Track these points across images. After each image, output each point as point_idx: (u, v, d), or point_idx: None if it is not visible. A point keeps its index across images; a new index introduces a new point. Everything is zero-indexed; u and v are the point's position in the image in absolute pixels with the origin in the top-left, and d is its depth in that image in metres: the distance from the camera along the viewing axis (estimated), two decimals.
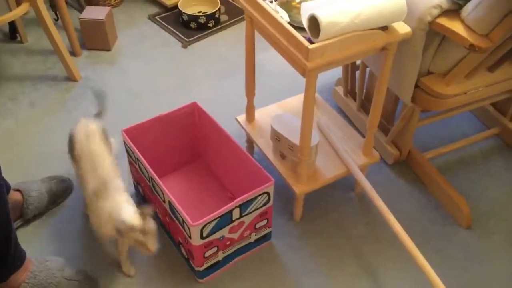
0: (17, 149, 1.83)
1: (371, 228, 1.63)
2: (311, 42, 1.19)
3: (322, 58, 1.19)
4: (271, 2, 1.33)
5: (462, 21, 1.29)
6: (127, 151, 1.58)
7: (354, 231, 1.62)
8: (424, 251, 1.38)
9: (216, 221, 1.34)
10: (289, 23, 1.26)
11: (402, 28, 1.30)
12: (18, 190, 1.55)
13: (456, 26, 1.28)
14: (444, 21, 1.30)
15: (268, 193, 1.42)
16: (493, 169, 1.82)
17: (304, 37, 1.21)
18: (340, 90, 2.01)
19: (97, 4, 2.44)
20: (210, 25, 2.44)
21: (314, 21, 1.18)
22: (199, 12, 2.49)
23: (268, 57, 2.19)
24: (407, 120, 1.68)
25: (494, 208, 1.69)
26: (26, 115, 1.99)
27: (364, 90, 1.87)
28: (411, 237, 1.40)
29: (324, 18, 1.15)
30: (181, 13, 2.43)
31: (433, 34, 1.37)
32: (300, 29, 1.25)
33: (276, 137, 1.54)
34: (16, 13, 1.93)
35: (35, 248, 1.51)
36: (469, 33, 1.26)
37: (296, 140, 1.47)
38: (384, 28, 1.27)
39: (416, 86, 1.50)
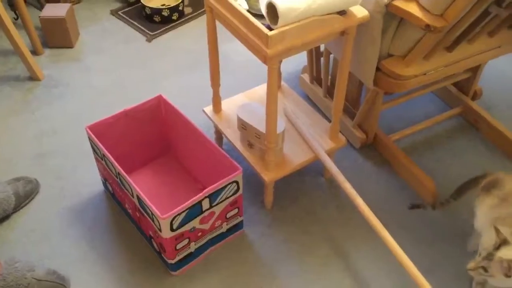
0: None
1: (341, 212, 1.66)
2: (271, 29, 1.20)
3: (281, 45, 1.19)
4: None
5: (417, 2, 1.32)
6: (92, 148, 1.56)
7: (325, 215, 1.65)
8: (392, 230, 1.41)
9: (185, 212, 1.34)
10: (248, 10, 1.26)
11: (360, 11, 1.32)
12: None
13: (411, 8, 1.31)
14: (400, 3, 1.32)
15: (237, 182, 1.42)
16: (457, 148, 1.87)
17: (264, 24, 1.21)
18: (306, 77, 2.03)
19: (57, 1, 2.39)
20: (174, 17, 2.42)
21: (272, 8, 1.19)
22: (162, 5, 2.46)
23: (233, 48, 2.19)
24: (371, 104, 1.71)
25: (457, 186, 1.74)
26: None
27: (330, 77, 1.89)
28: (379, 218, 1.43)
29: (281, 5, 1.16)
30: (144, 6, 2.40)
31: (391, 17, 1.39)
32: (259, 16, 1.25)
33: (243, 126, 1.55)
34: None
35: (4, 250, 1.49)
36: (424, 14, 1.28)
37: (262, 128, 1.48)
38: (342, 13, 1.29)
39: (378, 69, 1.52)
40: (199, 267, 1.50)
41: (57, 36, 2.22)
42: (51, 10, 2.20)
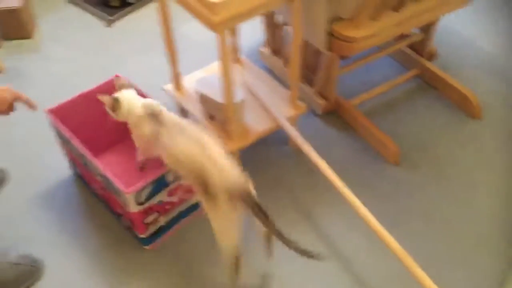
0: None
1: (307, 178, 1.70)
2: None
3: (228, 11, 1.22)
4: None
5: None
6: (56, 132, 1.57)
7: (292, 182, 1.69)
8: (356, 190, 1.44)
9: (151, 186, 1.36)
10: None
11: None
12: None
13: None
14: None
15: None
16: (416, 108, 1.93)
17: None
18: (266, 50, 2.05)
19: None
20: (132, 1, 2.42)
21: None
22: None
23: (191, 28, 2.20)
24: (328, 69, 1.75)
25: (418, 143, 1.80)
26: None
27: (288, 47, 1.92)
28: (344, 180, 1.46)
29: None
30: None
31: None
32: None
33: (203, 99, 1.58)
34: None
35: None
36: None
37: (221, 99, 1.50)
38: None
39: (330, 34, 1.56)
40: (172, 240, 1.53)
41: (14, 28, 2.20)
42: (5, 1, 2.17)
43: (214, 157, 1.20)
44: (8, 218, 1.59)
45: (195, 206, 1.57)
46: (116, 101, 1.33)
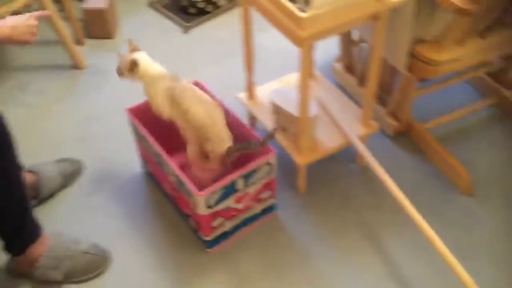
0: (28, 135, 1.90)
1: (374, 198, 1.68)
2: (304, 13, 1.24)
3: (314, 27, 1.23)
4: None
5: None
6: (133, 130, 1.64)
7: (357, 201, 1.67)
8: (425, 216, 1.41)
9: (221, 191, 1.39)
10: None
11: None
12: (32, 171, 1.62)
13: None
14: None
15: (270, 164, 1.47)
16: (492, 138, 1.86)
17: (298, 8, 1.25)
18: (339, 66, 2.05)
19: None
20: (209, 9, 2.49)
21: None
22: None
23: (266, 38, 2.23)
24: (405, 91, 1.72)
25: (493, 175, 1.73)
26: (35, 103, 2.05)
27: (363, 65, 1.91)
28: (412, 204, 1.43)
29: None
30: None
31: (424, 1, 1.40)
32: (292, 1, 1.29)
33: (276, 110, 1.59)
34: (18, 3, 1.99)
35: (51, 225, 1.57)
36: None
37: (295, 112, 1.51)
38: None
39: (411, 55, 1.54)
40: (233, 246, 1.55)
41: (98, 27, 2.32)
42: (93, 2, 2.30)
43: (219, 129, 1.41)
44: (80, 208, 1.67)
45: (258, 216, 1.59)
46: (134, 62, 1.47)
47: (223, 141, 1.41)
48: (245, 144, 1.42)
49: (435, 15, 1.43)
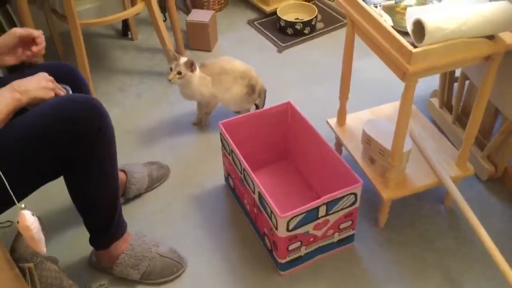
0: (123, 134, 2.00)
1: (459, 244, 1.59)
2: (415, 47, 1.20)
3: (424, 63, 1.19)
4: (376, 6, 1.36)
5: None
6: (222, 143, 1.67)
7: (441, 245, 1.59)
8: None
9: (302, 215, 1.38)
10: (392, 27, 1.28)
11: (510, 38, 1.27)
12: (123, 170, 1.70)
13: None
14: None
15: (355, 194, 1.44)
16: None
17: (408, 41, 1.22)
18: (435, 101, 1.98)
19: (202, 8, 2.60)
20: (306, 31, 2.50)
21: (419, 26, 1.19)
22: (296, 19, 2.56)
23: (363, 65, 2.20)
24: (506, 136, 1.62)
25: None
26: (133, 105, 2.17)
27: (461, 103, 1.83)
28: (502, 255, 1.35)
29: (430, 23, 1.16)
30: (279, 19, 2.52)
31: None
32: (403, 33, 1.26)
33: (367, 140, 1.56)
34: (131, 12, 2.12)
35: (133, 225, 1.64)
36: None
37: (388, 145, 1.47)
38: (491, 37, 1.25)
39: None
40: (306, 272, 1.53)
41: (199, 40, 2.41)
42: (197, 15, 2.40)
43: (257, 76, 1.96)
44: (161, 212, 1.72)
45: (334, 245, 1.55)
46: (192, 62, 1.79)
47: (259, 77, 1.94)
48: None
49: None
